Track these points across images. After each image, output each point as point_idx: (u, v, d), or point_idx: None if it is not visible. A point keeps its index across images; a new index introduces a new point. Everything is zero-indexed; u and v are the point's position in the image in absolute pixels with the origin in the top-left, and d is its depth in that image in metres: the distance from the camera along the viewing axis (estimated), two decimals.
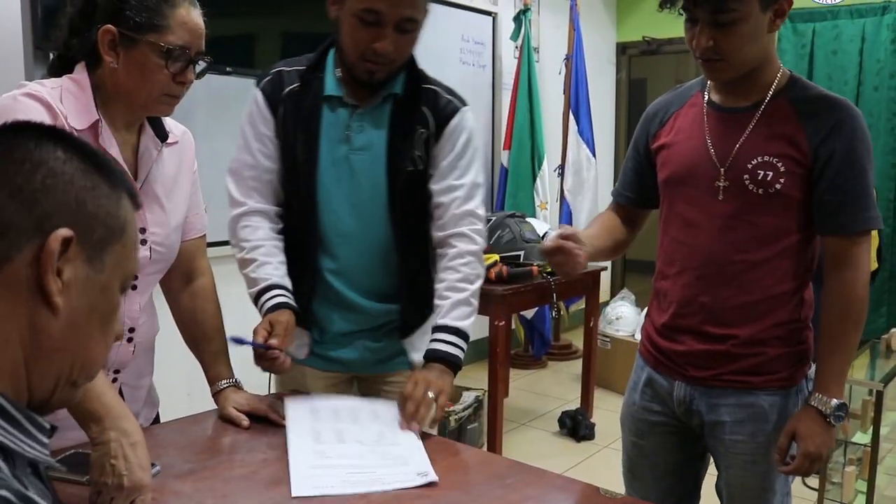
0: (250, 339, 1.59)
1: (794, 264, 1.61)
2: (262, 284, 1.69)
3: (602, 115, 6.19)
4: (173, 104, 1.47)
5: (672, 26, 6.95)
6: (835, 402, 1.55)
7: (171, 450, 1.46)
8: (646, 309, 1.87)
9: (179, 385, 2.77)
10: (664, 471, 1.78)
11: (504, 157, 5.11)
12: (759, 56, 1.56)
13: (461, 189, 1.74)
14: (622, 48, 6.54)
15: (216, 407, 1.65)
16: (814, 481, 3.35)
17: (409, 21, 1.61)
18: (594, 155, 5.30)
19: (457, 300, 1.71)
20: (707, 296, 1.64)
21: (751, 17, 1.49)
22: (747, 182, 1.57)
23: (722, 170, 1.60)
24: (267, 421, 1.60)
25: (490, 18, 5.16)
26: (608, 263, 6.38)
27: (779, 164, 1.55)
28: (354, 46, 1.62)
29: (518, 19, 5.08)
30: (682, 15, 1.55)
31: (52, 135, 0.78)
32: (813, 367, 1.66)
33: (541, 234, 4.06)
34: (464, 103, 1.78)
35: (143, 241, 1.48)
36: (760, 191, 1.56)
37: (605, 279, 6.13)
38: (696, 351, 1.67)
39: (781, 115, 1.57)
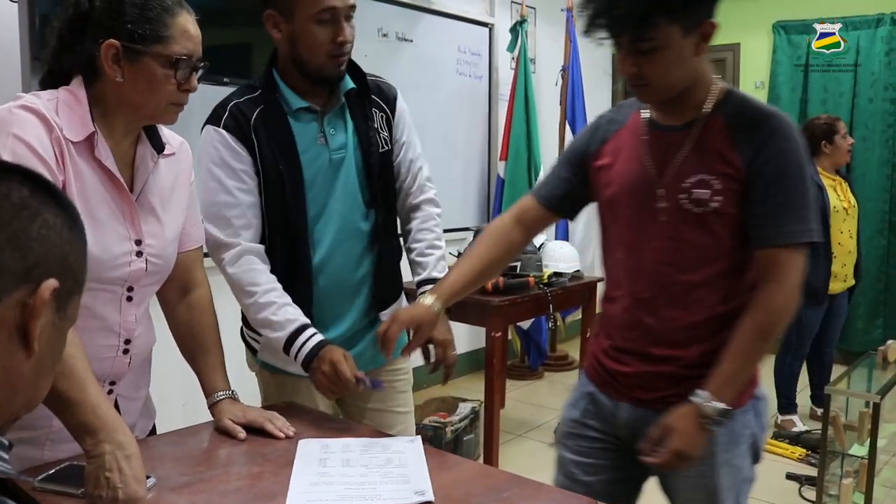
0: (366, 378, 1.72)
1: (738, 282, 1.58)
2: (295, 326, 1.73)
3: None
4: (178, 112, 1.48)
5: None
6: (717, 405, 1.48)
7: (166, 462, 1.45)
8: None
9: (175, 395, 2.77)
10: (598, 490, 1.67)
11: (500, 167, 5.12)
12: (686, 79, 1.54)
13: (419, 160, 1.98)
14: None
15: (212, 418, 1.64)
16: (811, 493, 3.36)
17: (352, 8, 1.75)
18: None
19: (438, 256, 1.96)
20: (652, 317, 1.61)
21: (672, 44, 1.46)
22: (684, 202, 1.55)
23: (660, 190, 1.57)
24: (263, 433, 1.60)
25: (486, 30, 5.18)
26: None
27: (714, 182, 1.52)
28: (319, 49, 1.73)
29: (515, 30, 5.10)
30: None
31: (44, 186, 0.81)
32: (760, 385, 1.65)
33: (537, 245, 4.06)
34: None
35: (139, 253, 1.48)
36: (698, 210, 1.54)
37: (601, 290, 6.14)
38: (643, 373, 1.64)
39: (715, 133, 1.55)
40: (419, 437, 1.64)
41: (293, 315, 1.74)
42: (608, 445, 1.72)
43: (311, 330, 1.74)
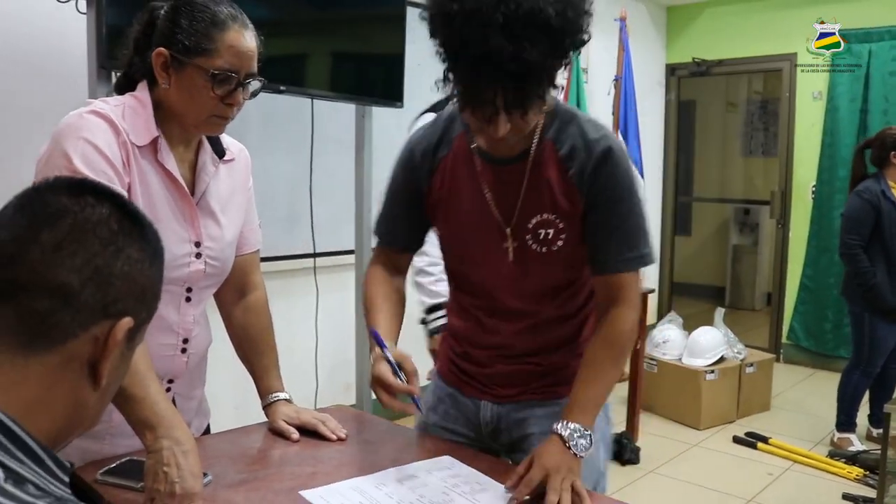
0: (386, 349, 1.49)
1: (593, 304, 1.59)
2: (440, 300, 1.80)
3: (651, 136, 6.16)
4: (223, 124, 1.49)
5: (722, 48, 6.88)
6: (585, 433, 1.43)
7: (222, 460, 1.48)
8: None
9: (226, 397, 2.81)
10: None
11: None
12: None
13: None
14: (672, 69, 6.50)
15: (266, 419, 1.67)
16: None
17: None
18: (642, 176, 5.26)
19: None
20: (511, 341, 1.63)
21: (546, 94, 1.38)
22: (531, 242, 1.52)
23: (508, 230, 1.53)
24: (316, 435, 1.62)
25: None
26: (655, 285, 6.32)
27: (557, 222, 1.50)
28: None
29: None
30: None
31: (132, 216, 0.82)
32: None
33: None
34: None
35: (199, 255, 1.51)
36: (544, 249, 1.52)
37: (653, 302, 6.08)
38: (504, 372, 1.65)
39: (548, 163, 1.49)
40: (446, 456, 1.55)
41: (444, 290, 1.86)
42: (472, 444, 1.70)
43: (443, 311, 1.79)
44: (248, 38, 1.44)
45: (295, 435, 1.60)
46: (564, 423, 1.44)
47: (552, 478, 1.36)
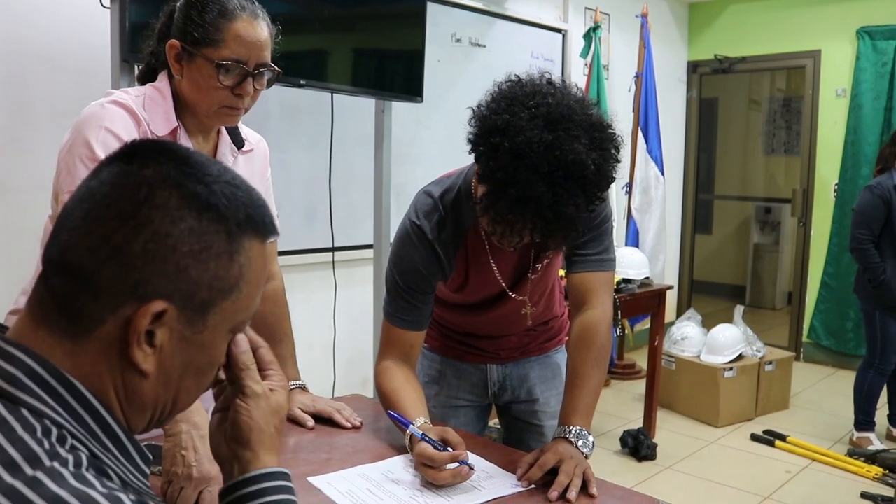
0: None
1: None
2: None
3: (672, 133, 6.13)
4: (235, 115, 1.49)
5: (745, 45, 6.83)
6: (587, 436, 1.52)
7: None
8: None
9: None
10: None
11: None
12: None
13: None
14: (693, 66, 6.47)
15: None
16: None
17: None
18: (662, 173, 5.24)
19: None
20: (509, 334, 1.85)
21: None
22: (536, 286, 1.72)
23: (525, 298, 1.73)
24: (332, 423, 1.64)
25: (560, 36, 5.17)
26: (675, 283, 6.30)
27: (553, 253, 1.68)
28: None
29: (588, 36, 5.08)
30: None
31: (173, 174, 0.72)
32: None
33: None
34: None
35: None
36: (541, 273, 1.70)
37: (672, 299, 6.05)
38: (506, 346, 1.85)
39: None
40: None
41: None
42: (476, 408, 1.92)
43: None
44: (257, 28, 1.43)
45: (310, 422, 1.62)
46: (566, 427, 1.52)
47: (566, 462, 1.40)
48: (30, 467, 0.61)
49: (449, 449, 1.39)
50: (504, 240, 1.43)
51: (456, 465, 1.37)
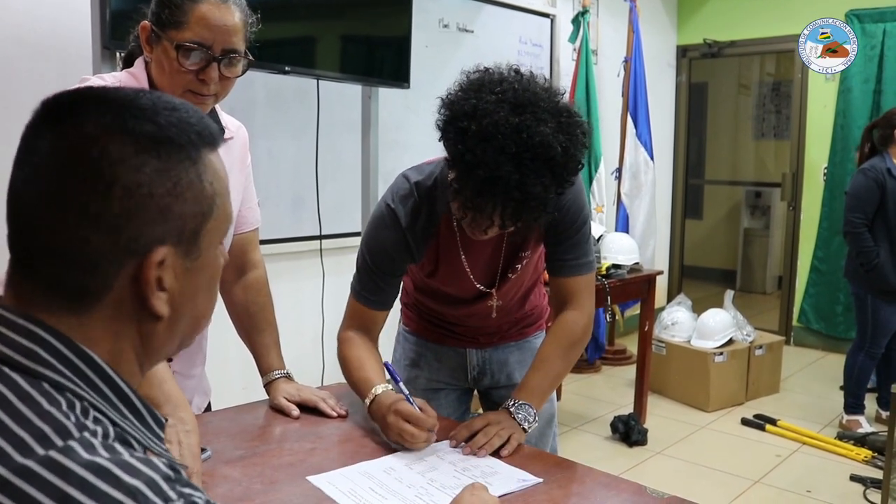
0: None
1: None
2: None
3: (661, 118, 6.12)
4: (201, 101, 1.43)
5: (734, 29, 6.82)
6: (523, 403, 1.59)
7: (222, 436, 1.49)
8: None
9: (235, 378, 2.83)
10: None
11: None
12: None
13: None
14: (682, 51, 6.44)
15: (267, 397, 1.68)
16: (875, 496, 3.26)
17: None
18: (652, 158, 5.23)
19: None
20: (485, 324, 1.84)
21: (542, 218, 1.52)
22: (509, 283, 1.73)
23: (493, 291, 1.73)
24: (317, 412, 1.63)
25: (548, 20, 5.14)
26: (665, 268, 6.31)
27: (528, 255, 1.69)
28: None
29: (576, 21, 5.05)
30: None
31: (115, 122, 0.69)
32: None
33: (596, 237, 4.02)
34: None
35: None
36: (517, 273, 1.71)
37: (662, 284, 6.05)
38: (485, 331, 1.86)
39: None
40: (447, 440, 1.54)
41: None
42: (455, 392, 1.93)
43: None
44: (225, 12, 1.39)
45: (295, 412, 1.61)
46: (513, 400, 1.60)
47: (490, 426, 1.50)
48: (60, 439, 0.62)
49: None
50: (475, 224, 1.45)
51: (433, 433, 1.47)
